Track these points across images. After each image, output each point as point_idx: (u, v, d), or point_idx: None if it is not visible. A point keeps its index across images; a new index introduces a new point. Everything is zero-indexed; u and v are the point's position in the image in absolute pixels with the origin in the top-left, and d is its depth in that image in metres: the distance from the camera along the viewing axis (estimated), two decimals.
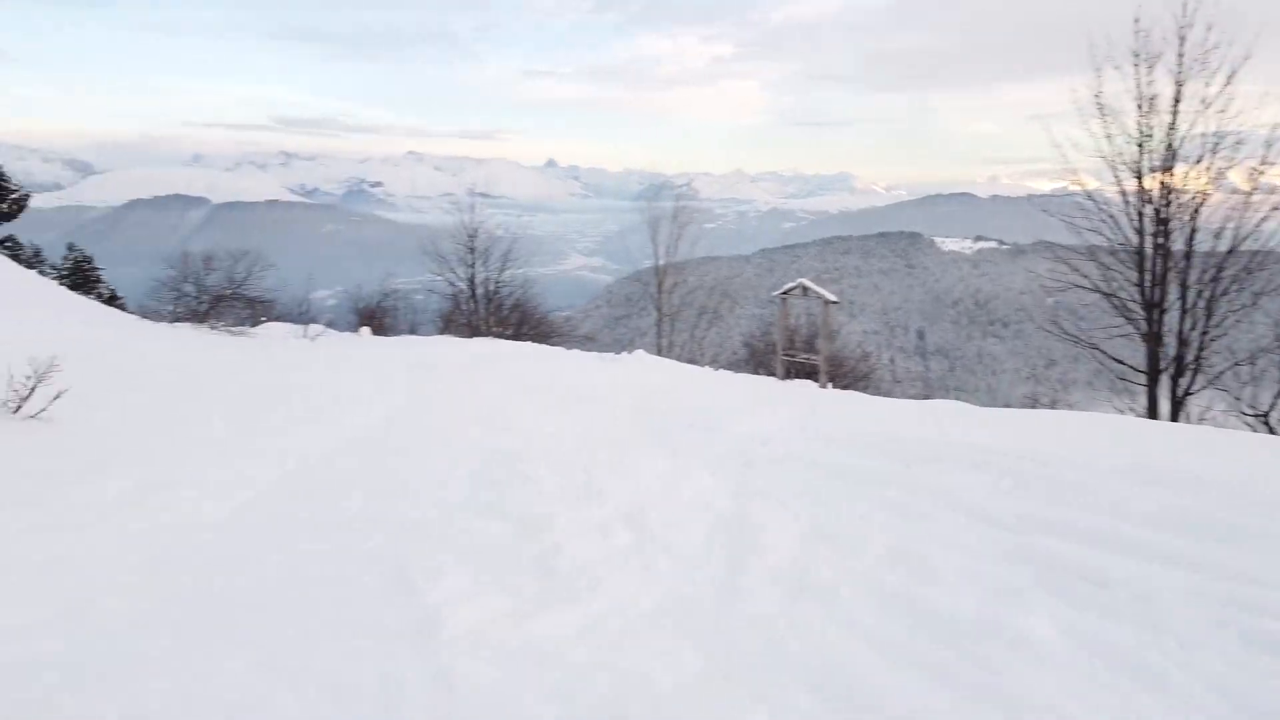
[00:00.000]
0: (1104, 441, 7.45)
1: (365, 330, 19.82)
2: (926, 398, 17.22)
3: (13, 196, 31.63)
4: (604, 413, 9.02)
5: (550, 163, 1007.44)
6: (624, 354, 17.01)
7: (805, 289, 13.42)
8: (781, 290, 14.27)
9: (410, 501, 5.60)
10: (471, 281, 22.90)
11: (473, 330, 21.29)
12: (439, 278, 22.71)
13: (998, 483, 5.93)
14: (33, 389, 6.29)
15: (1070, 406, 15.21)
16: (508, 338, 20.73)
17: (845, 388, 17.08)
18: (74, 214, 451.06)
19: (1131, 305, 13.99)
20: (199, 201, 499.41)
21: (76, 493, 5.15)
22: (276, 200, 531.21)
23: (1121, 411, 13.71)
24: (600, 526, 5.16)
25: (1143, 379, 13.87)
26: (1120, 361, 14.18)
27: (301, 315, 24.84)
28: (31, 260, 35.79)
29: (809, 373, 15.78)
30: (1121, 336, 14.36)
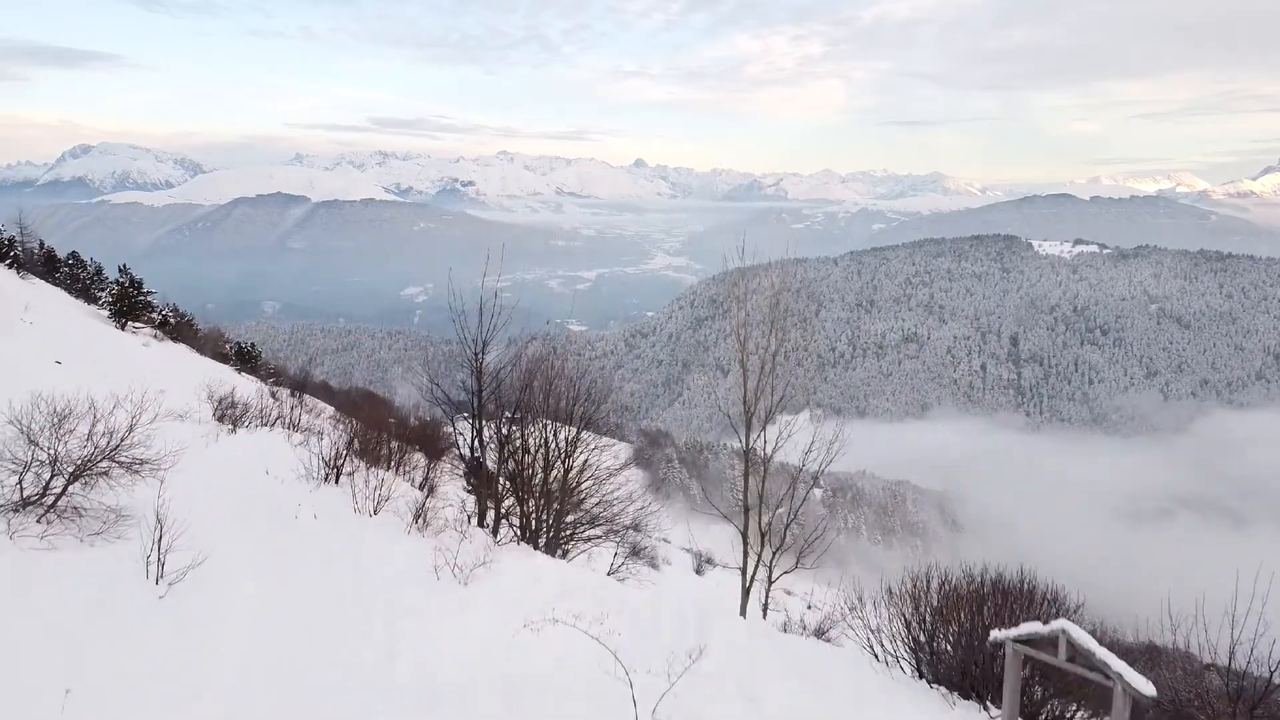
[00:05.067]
0: None
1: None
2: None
3: None
4: None
5: (638, 163, 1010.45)
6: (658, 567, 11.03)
7: (1071, 642, 6.60)
8: (1021, 634, 7.23)
9: None
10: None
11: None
12: None
13: None
14: None
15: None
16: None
17: None
18: (183, 211, 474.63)
19: None
20: (299, 200, 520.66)
21: None
22: (372, 199, 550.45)
23: None
24: None
25: None
26: None
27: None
28: (90, 280, 34.12)
29: None
30: None
